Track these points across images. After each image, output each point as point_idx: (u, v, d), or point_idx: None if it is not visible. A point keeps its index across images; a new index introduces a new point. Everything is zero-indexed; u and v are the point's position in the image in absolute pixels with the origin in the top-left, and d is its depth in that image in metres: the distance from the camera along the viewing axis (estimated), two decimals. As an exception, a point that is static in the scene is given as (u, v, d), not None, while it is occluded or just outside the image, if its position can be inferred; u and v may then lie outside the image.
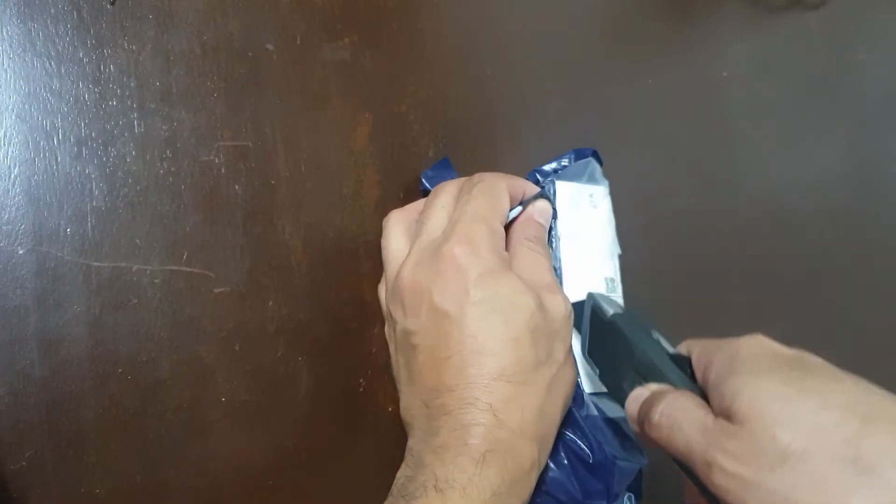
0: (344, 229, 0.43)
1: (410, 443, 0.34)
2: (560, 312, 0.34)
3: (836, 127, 0.55)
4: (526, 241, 0.37)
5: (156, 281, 0.39)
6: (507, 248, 0.37)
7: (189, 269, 0.40)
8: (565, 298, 0.35)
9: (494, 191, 0.36)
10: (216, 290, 0.40)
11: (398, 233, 0.39)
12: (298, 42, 0.43)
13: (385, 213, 0.44)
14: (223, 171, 0.41)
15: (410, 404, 0.35)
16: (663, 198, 0.51)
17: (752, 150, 0.53)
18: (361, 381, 0.43)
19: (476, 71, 0.47)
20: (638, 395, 0.32)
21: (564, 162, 0.44)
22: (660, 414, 0.30)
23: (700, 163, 0.52)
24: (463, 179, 0.39)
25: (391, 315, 0.37)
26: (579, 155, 0.44)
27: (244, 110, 0.41)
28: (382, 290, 0.39)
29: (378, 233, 0.44)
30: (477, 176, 0.38)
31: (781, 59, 0.54)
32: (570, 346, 0.36)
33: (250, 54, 0.42)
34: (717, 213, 0.51)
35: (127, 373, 0.39)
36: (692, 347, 0.33)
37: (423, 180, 0.43)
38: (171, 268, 0.40)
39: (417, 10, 0.46)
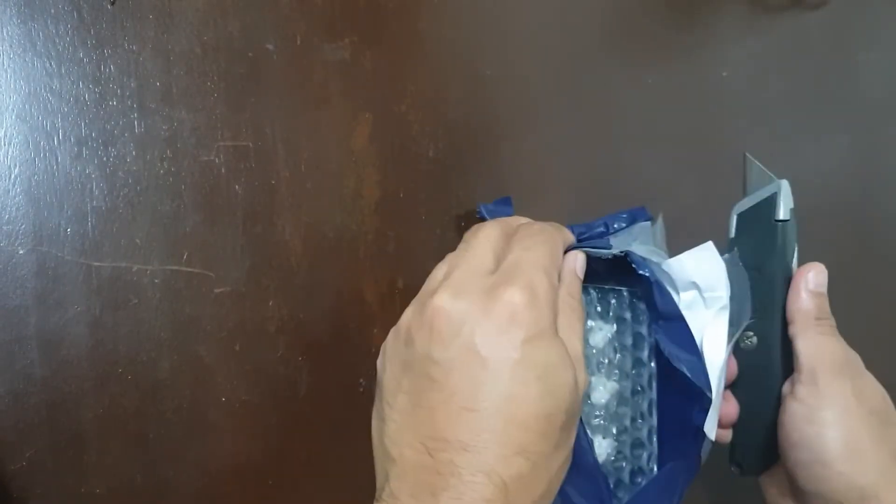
0: (344, 229, 0.43)
1: (390, 485, 0.30)
2: (583, 391, 0.31)
3: (836, 127, 0.55)
4: (569, 296, 0.33)
5: (156, 281, 0.39)
6: None
7: (189, 269, 0.40)
8: (588, 373, 0.32)
9: (555, 243, 0.34)
10: (216, 290, 0.40)
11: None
12: (298, 42, 0.43)
13: (385, 213, 0.44)
14: (223, 171, 0.41)
15: (402, 440, 0.31)
16: (664, 197, 0.51)
17: (751, 150, 0.53)
18: (361, 381, 0.43)
19: (476, 71, 0.47)
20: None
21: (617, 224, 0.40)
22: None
23: (700, 163, 0.52)
24: (507, 221, 0.36)
25: (411, 335, 0.32)
26: (633, 218, 0.40)
27: (244, 110, 0.41)
28: (410, 309, 0.34)
29: (377, 232, 0.44)
30: (530, 223, 0.36)
31: (781, 59, 0.54)
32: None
33: (250, 54, 0.42)
34: (717, 212, 0.51)
35: (127, 373, 0.39)
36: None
37: (482, 210, 0.41)
38: (171, 268, 0.40)
39: (417, 10, 0.46)
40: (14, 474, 0.37)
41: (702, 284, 0.36)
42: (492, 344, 0.29)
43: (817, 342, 0.37)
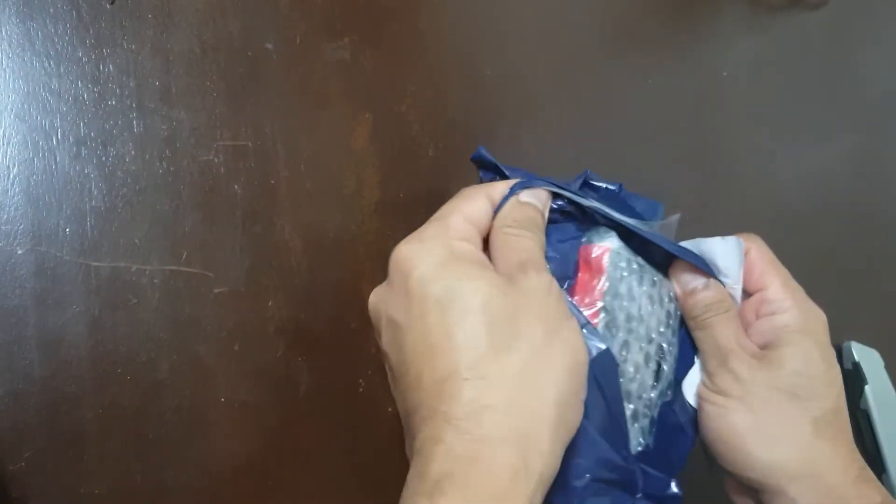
0: (344, 229, 0.43)
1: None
2: (534, 289, 0.28)
3: (837, 126, 0.55)
4: (502, 227, 0.31)
5: (155, 281, 0.39)
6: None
7: (188, 269, 0.40)
8: (542, 274, 0.29)
9: (459, 195, 0.32)
10: (216, 290, 0.40)
11: None
12: (298, 42, 0.43)
13: (385, 213, 0.44)
14: (223, 170, 0.41)
15: (404, 433, 0.30)
16: (663, 197, 0.51)
17: (752, 150, 0.53)
18: (361, 381, 0.43)
19: (476, 71, 0.47)
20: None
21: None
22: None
23: (700, 162, 0.52)
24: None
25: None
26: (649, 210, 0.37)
27: (244, 110, 0.41)
28: None
29: (377, 232, 0.44)
30: None
31: (781, 59, 0.54)
32: (565, 326, 0.29)
33: (250, 54, 0.42)
34: (718, 212, 0.51)
35: (127, 373, 0.39)
36: (755, 250, 0.35)
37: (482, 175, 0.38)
38: (170, 268, 0.40)
39: (417, 10, 0.45)
40: (14, 474, 0.37)
41: (722, 268, 0.35)
42: (395, 304, 0.29)
43: (701, 336, 0.34)
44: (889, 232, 0.55)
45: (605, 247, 0.33)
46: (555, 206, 0.34)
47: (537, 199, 0.33)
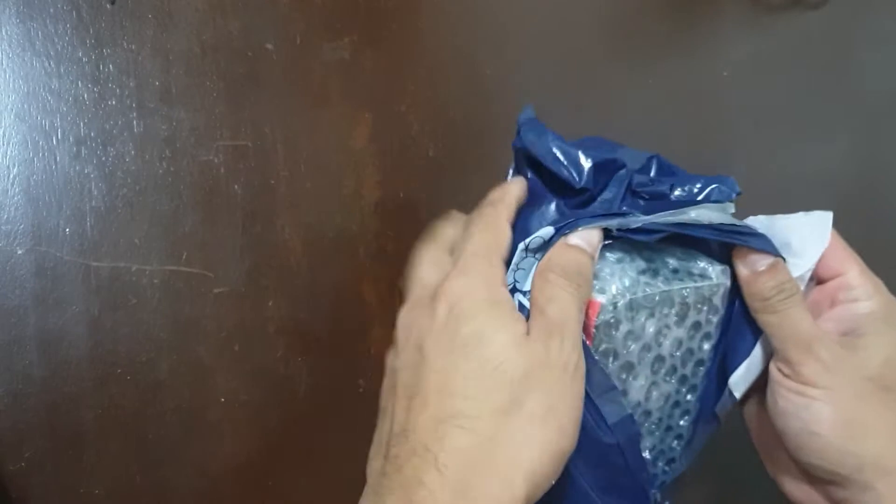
0: (344, 229, 0.43)
1: None
2: (554, 361, 0.28)
3: (837, 127, 0.55)
4: (548, 273, 0.30)
5: (155, 281, 0.39)
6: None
7: (189, 269, 0.40)
8: (565, 346, 0.28)
9: (496, 225, 0.32)
10: (216, 290, 0.40)
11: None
12: (298, 42, 0.43)
13: (385, 213, 0.44)
14: (222, 170, 0.41)
15: (374, 454, 0.31)
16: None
17: (752, 150, 0.53)
18: (361, 381, 0.43)
19: (476, 71, 0.47)
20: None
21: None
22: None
23: (700, 162, 0.52)
24: (439, 232, 0.34)
25: (389, 360, 0.32)
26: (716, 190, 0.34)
27: (244, 110, 0.41)
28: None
29: (377, 232, 0.44)
30: (476, 211, 0.33)
31: (781, 59, 0.54)
32: (567, 409, 0.28)
33: (250, 54, 0.42)
34: (717, 213, 0.51)
35: (126, 373, 0.39)
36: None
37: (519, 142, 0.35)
38: (170, 268, 0.40)
39: (417, 10, 0.45)
40: (14, 474, 0.37)
41: (795, 247, 0.33)
42: (426, 331, 0.29)
43: (774, 322, 0.32)
44: (889, 232, 0.55)
45: (596, 303, 0.30)
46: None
47: (587, 243, 0.31)
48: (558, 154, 0.33)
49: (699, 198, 0.33)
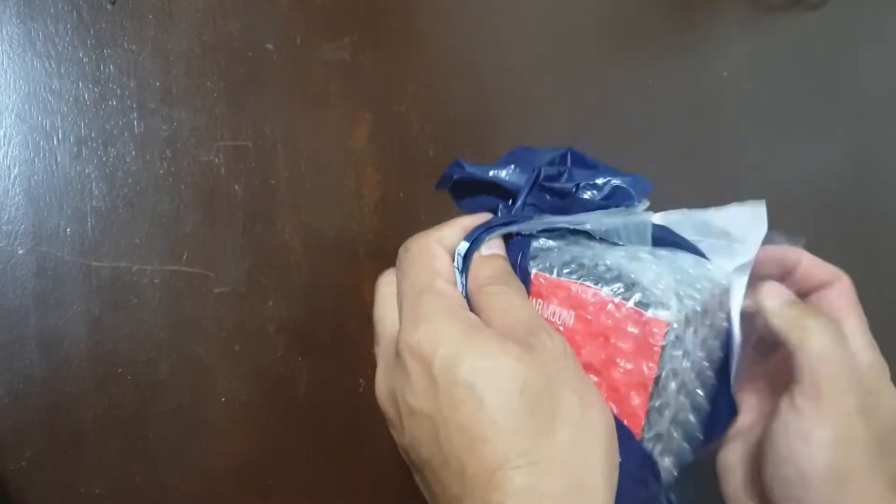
0: (344, 229, 0.43)
1: None
2: (554, 354, 0.27)
3: (837, 127, 0.55)
4: (483, 287, 0.29)
5: (156, 281, 0.39)
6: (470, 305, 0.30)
7: (189, 269, 0.40)
8: (553, 335, 0.28)
9: (421, 254, 0.31)
10: (216, 290, 0.40)
11: (388, 304, 0.31)
12: (298, 42, 0.43)
13: (385, 213, 0.44)
14: (223, 171, 0.41)
15: None
16: (663, 197, 0.51)
17: (752, 150, 0.53)
18: (361, 381, 0.43)
19: (476, 71, 0.47)
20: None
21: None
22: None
23: (700, 162, 0.52)
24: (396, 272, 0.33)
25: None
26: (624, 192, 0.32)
27: (244, 110, 0.41)
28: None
29: (377, 232, 0.44)
30: (403, 246, 0.32)
31: (781, 59, 0.54)
32: (589, 388, 0.27)
33: (250, 54, 0.42)
34: (717, 213, 0.51)
35: (127, 373, 0.39)
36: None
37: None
38: (170, 268, 0.40)
39: (417, 10, 0.45)
40: (14, 474, 0.37)
41: (735, 234, 0.32)
42: (419, 394, 0.27)
43: (818, 347, 0.31)
44: (889, 232, 0.55)
45: (660, 321, 0.28)
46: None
47: (499, 248, 0.31)
48: (480, 173, 0.33)
49: (604, 197, 0.32)
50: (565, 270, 0.30)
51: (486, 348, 0.26)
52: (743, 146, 0.53)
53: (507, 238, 0.32)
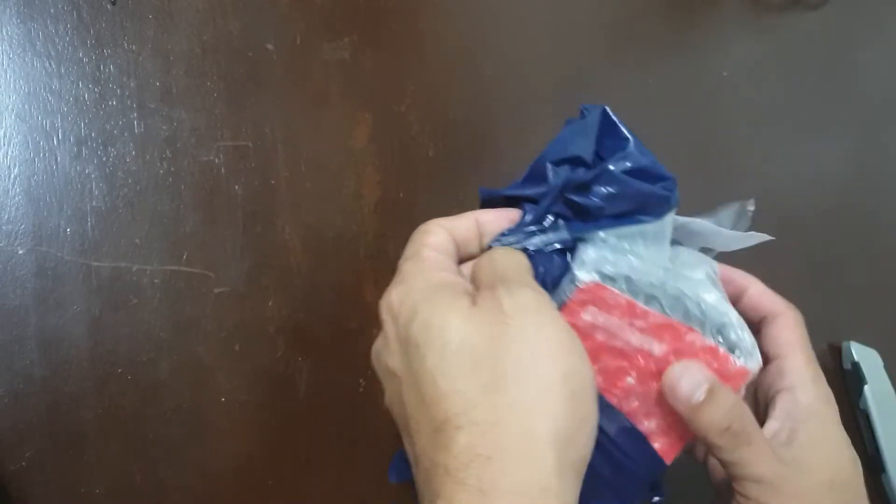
0: (344, 229, 0.43)
1: None
2: (518, 309, 0.25)
3: (837, 127, 0.55)
4: (483, 257, 0.29)
5: (156, 281, 0.39)
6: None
7: (189, 269, 0.40)
8: (525, 290, 0.26)
9: (419, 231, 0.31)
10: (216, 290, 0.40)
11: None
12: (298, 42, 0.43)
13: (385, 213, 0.44)
14: (223, 171, 0.41)
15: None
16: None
17: (752, 150, 0.53)
18: (361, 381, 0.43)
19: (476, 71, 0.47)
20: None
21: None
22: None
23: (700, 163, 0.52)
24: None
25: None
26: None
27: (244, 110, 0.41)
28: None
29: (377, 232, 0.44)
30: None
31: (781, 59, 0.54)
32: (558, 348, 0.25)
33: (250, 54, 0.42)
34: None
35: (127, 373, 0.39)
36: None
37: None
38: (171, 268, 0.40)
39: (417, 10, 0.45)
40: (14, 474, 0.37)
41: (716, 244, 0.33)
42: (391, 352, 0.27)
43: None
44: (889, 232, 0.55)
45: (745, 370, 0.29)
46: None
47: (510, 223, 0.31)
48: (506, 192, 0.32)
49: (636, 210, 0.31)
50: (637, 293, 0.29)
51: (436, 306, 0.26)
52: (743, 146, 0.53)
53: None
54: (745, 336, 0.29)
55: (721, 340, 0.29)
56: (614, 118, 0.32)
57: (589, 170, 0.30)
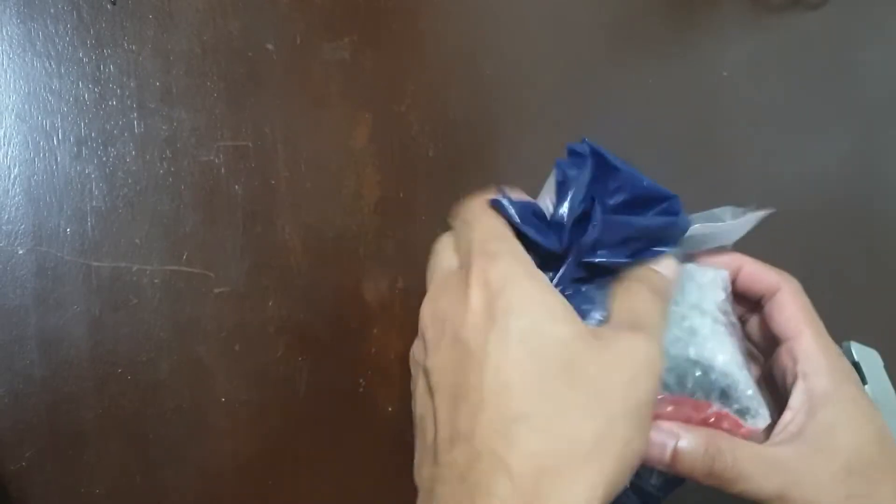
0: (344, 229, 0.43)
1: None
2: (631, 359, 0.26)
3: (837, 127, 0.55)
4: (634, 283, 0.29)
5: (156, 281, 0.39)
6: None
7: (189, 269, 0.40)
8: (651, 344, 0.26)
9: (485, 210, 0.30)
10: (216, 290, 0.40)
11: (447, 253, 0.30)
12: (298, 42, 0.43)
13: (385, 213, 0.44)
14: (223, 171, 0.41)
15: (421, 461, 0.28)
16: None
17: (752, 150, 0.53)
18: (361, 381, 0.43)
19: (476, 71, 0.47)
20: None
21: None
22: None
23: (700, 163, 0.52)
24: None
25: (415, 360, 0.29)
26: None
27: (244, 110, 0.41)
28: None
29: (377, 232, 0.44)
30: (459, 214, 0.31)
31: (781, 59, 0.54)
32: (646, 404, 0.26)
33: (250, 54, 0.42)
34: (717, 213, 0.51)
35: (127, 373, 0.39)
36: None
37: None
38: (171, 268, 0.40)
39: (417, 10, 0.45)
40: (14, 474, 0.37)
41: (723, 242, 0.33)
42: (470, 325, 0.26)
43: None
44: (889, 231, 0.55)
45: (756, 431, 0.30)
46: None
47: (668, 270, 0.30)
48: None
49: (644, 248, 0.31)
50: None
51: (553, 313, 0.26)
52: (743, 146, 0.53)
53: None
54: (751, 397, 0.30)
55: (729, 403, 0.30)
56: (600, 150, 0.31)
57: (593, 225, 0.29)
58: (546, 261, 0.29)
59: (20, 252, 0.38)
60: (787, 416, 0.31)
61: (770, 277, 0.33)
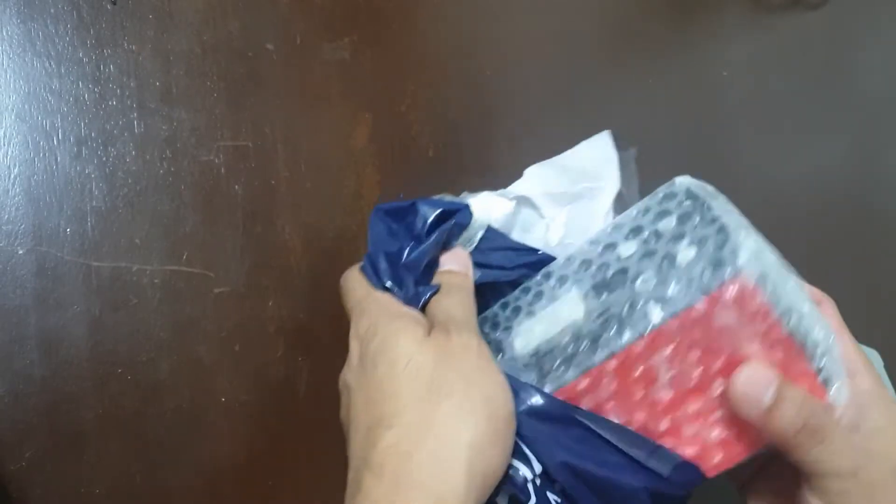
0: (344, 229, 0.43)
1: None
2: (458, 345, 0.29)
3: (837, 127, 0.55)
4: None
5: (156, 281, 0.39)
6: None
7: (189, 269, 0.40)
8: (462, 336, 0.30)
9: (356, 272, 0.35)
10: (216, 290, 0.40)
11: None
12: (298, 42, 0.43)
13: (385, 213, 0.44)
14: (223, 171, 0.41)
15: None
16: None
17: (752, 150, 0.53)
18: (361, 381, 0.43)
19: (476, 71, 0.47)
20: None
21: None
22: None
23: (700, 163, 0.52)
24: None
25: None
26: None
27: (244, 110, 0.41)
28: None
29: (378, 233, 0.44)
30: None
31: (781, 59, 0.54)
32: (487, 381, 0.29)
33: (250, 54, 0.42)
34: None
35: (127, 373, 0.39)
36: None
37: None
38: (170, 268, 0.40)
39: (417, 10, 0.46)
40: (14, 474, 0.37)
41: (591, 171, 0.35)
42: (349, 369, 0.31)
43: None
44: (888, 231, 0.55)
45: None
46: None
47: (458, 264, 0.35)
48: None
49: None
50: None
51: (397, 330, 0.30)
52: (743, 146, 0.53)
53: None
54: (840, 368, 0.28)
55: (821, 367, 0.28)
56: (387, 207, 0.36)
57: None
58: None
59: (20, 252, 0.38)
60: (837, 412, 0.30)
61: (813, 290, 0.34)
